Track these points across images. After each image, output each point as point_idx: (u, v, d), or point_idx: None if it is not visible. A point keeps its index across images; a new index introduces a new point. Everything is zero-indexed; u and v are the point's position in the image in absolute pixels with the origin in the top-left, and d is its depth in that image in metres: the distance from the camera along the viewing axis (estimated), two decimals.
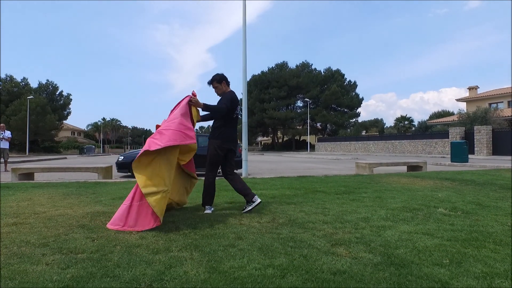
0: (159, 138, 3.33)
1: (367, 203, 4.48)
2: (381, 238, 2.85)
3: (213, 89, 4.10)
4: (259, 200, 3.88)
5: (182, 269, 2.13)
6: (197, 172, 4.36)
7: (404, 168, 11.29)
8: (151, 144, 3.29)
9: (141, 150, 3.35)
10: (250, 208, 3.84)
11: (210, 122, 4.26)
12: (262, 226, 3.25)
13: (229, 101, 3.91)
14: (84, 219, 3.54)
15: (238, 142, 4.94)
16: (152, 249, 2.55)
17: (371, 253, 2.48)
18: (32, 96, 39.52)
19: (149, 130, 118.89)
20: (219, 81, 4.05)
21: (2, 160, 11.88)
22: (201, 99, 3.78)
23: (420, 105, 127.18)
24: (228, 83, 4.12)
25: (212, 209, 4.01)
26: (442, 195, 5.13)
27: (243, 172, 8.57)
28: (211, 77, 4.10)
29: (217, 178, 4.11)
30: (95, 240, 2.77)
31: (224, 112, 3.88)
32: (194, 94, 3.80)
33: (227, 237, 2.86)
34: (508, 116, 28.56)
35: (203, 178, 4.08)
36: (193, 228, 3.15)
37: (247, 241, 2.76)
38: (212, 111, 3.98)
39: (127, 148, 75.91)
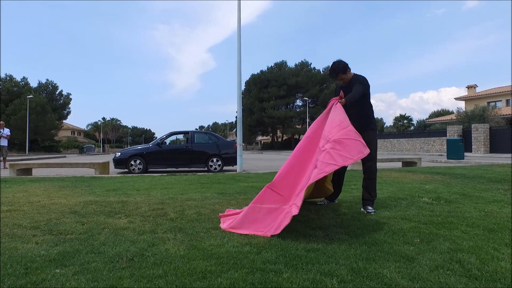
0: (343, 149, 2.79)
1: (354, 194, 4.59)
2: (360, 223, 2.96)
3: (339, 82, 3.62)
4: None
5: (164, 247, 2.25)
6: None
7: (399, 164, 11.38)
8: (336, 157, 2.72)
9: (322, 166, 2.70)
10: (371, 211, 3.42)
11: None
12: None
13: (365, 85, 3.52)
14: (76, 206, 3.66)
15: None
16: (139, 231, 2.67)
17: (347, 235, 2.59)
18: (32, 96, 39.62)
19: (149, 129, 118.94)
20: (344, 71, 3.51)
21: (1, 157, 12.01)
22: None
23: (420, 105, 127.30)
24: (350, 69, 3.60)
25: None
26: (430, 187, 5.24)
27: (237, 167, 8.68)
28: (332, 69, 3.53)
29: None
30: (85, 224, 2.89)
31: (361, 92, 3.42)
32: (342, 96, 3.39)
33: (212, 221, 2.98)
34: (506, 114, 28.64)
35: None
36: (181, 214, 3.27)
37: None
38: (353, 100, 3.40)
39: (127, 147, 76.01)
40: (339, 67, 3.48)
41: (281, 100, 51.64)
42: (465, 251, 2.12)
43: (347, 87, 3.56)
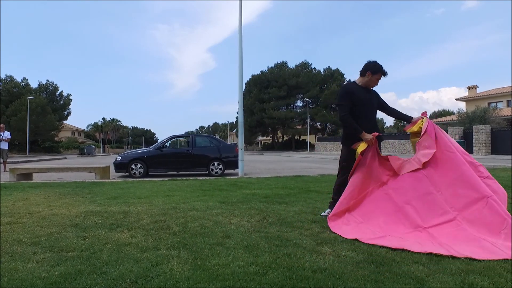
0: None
1: None
2: None
3: (374, 81, 3.60)
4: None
5: (168, 267, 2.20)
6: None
7: None
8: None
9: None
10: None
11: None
12: (251, 225, 3.32)
13: None
14: (77, 218, 3.61)
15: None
16: (141, 247, 2.62)
17: (354, 252, 2.54)
18: (32, 97, 39.60)
19: (149, 130, 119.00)
20: None
21: (1, 160, 11.97)
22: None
23: (420, 105, 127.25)
24: None
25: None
26: None
27: (239, 171, 8.63)
28: (384, 69, 3.56)
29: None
30: (87, 239, 2.84)
31: None
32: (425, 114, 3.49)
33: (215, 236, 2.93)
34: (507, 115, 28.58)
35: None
36: (183, 227, 3.22)
37: (234, 239, 2.82)
38: None
39: (128, 148, 76.07)
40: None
41: (282, 100, 51.64)
42: (477, 273, 2.07)
43: (368, 91, 3.65)
